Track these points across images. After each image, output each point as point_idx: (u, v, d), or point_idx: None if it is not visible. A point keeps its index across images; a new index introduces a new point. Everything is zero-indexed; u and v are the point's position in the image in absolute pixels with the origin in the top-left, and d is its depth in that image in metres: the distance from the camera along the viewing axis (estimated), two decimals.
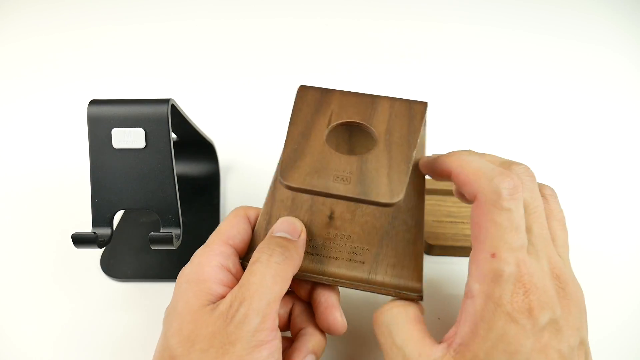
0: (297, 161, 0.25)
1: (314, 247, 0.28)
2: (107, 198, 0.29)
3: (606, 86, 0.53)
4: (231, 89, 0.52)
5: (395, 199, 0.23)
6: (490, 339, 0.21)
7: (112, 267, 0.35)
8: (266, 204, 0.29)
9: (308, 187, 0.24)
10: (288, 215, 0.29)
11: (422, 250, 0.27)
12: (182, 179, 0.41)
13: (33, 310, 0.33)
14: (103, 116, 0.28)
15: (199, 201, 0.39)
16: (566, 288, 0.22)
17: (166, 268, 0.35)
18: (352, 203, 0.28)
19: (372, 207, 0.28)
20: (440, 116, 0.49)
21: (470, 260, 0.23)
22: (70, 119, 0.48)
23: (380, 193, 0.24)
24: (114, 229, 0.36)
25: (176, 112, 0.31)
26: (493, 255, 0.22)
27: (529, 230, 0.23)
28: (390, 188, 0.24)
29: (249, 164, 0.44)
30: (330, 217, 0.28)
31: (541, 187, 0.26)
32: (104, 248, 0.35)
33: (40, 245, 0.37)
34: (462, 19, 0.62)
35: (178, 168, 0.41)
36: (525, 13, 0.63)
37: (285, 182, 0.24)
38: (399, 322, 0.24)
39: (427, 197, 0.38)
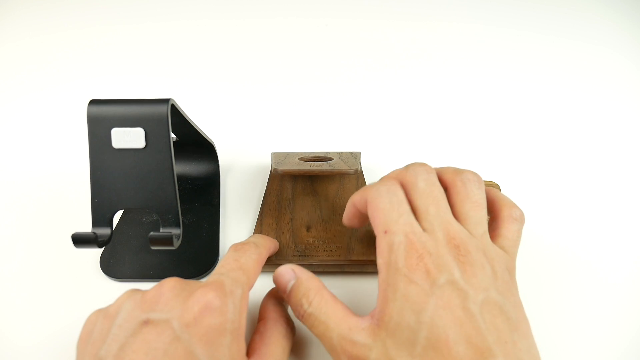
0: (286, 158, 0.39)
1: (299, 252, 0.35)
2: (106, 198, 0.29)
3: (606, 86, 0.53)
4: (231, 89, 0.52)
5: (354, 168, 0.36)
6: (398, 299, 0.24)
7: (112, 267, 0.35)
8: (256, 229, 0.37)
9: (296, 168, 0.37)
10: (275, 235, 0.36)
11: None
12: (182, 179, 0.41)
13: (32, 310, 0.33)
14: (103, 116, 0.28)
15: (199, 201, 0.39)
16: (467, 255, 0.25)
17: (166, 268, 0.35)
18: (323, 217, 0.38)
19: (338, 218, 0.37)
20: (440, 116, 0.49)
21: (376, 246, 0.26)
22: (70, 119, 0.48)
23: (343, 169, 0.36)
24: (114, 229, 0.36)
25: (176, 112, 0.31)
26: (385, 232, 0.25)
27: (425, 211, 0.26)
28: (349, 167, 0.37)
29: (249, 164, 0.44)
30: (308, 229, 0.37)
31: (460, 172, 0.28)
32: (103, 248, 0.36)
33: (40, 245, 0.37)
34: (462, 19, 0.62)
35: (178, 168, 0.41)
36: (525, 13, 0.63)
37: (281, 169, 0.37)
38: (322, 309, 0.26)
39: None
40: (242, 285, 0.26)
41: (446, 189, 0.28)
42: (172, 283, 0.25)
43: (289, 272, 0.28)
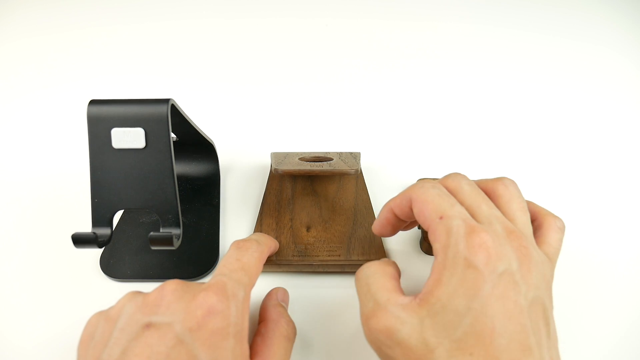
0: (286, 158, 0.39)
1: (299, 252, 0.35)
2: (106, 198, 0.29)
3: (606, 86, 0.53)
4: (231, 89, 0.52)
5: (354, 169, 0.36)
6: (452, 284, 0.23)
7: (112, 267, 0.35)
8: (256, 229, 0.37)
9: (297, 168, 0.36)
10: (275, 235, 0.36)
11: (381, 241, 0.36)
12: (182, 179, 0.41)
13: (32, 310, 0.33)
14: (103, 116, 0.28)
15: (199, 201, 0.39)
16: (526, 250, 0.24)
17: (166, 268, 0.35)
18: (323, 217, 0.38)
19: (337, 218, 0.38)
20: (440, 116, 0.49)
21: (429, 235, 0.26)
22: (70, 119, 0.48)
23: (344, 169, 0.36)
24: (114, 229, 0.36)
25: (176, 112, 0.31)
26: (440, 218, 0.25)
27: (478, 207, 0.26)
28: (349, 167, 0.37)
29: (249, 164, 0.44)
30: (308, 229, 0.37)
31: (500, 178, 0.28)
32: (103, 248, 0.36)
33: (40, 245, 0.37)
34: (462, 19, 0.62)
35: (178, 168, 0.41)
36: (525, 13, 0.63)
37: (281, 169, 0.36)
38: (376, 275, 0.26)
39: None
40: (244, 286, 0.26)
41: (488, 194, 0.28)
42: (173, 286, 0.25)
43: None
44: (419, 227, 0.38)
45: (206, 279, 0.35)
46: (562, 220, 0.28)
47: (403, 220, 0.30)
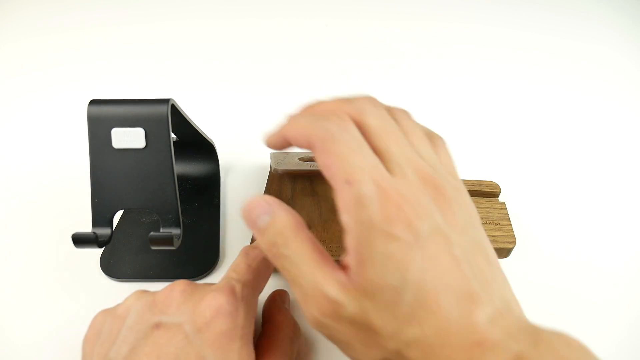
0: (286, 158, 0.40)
1: None
2: (107, 198, 0.29)
3: (606, 86, 0.53)
4: (231, 89, 0.52)
5: None
6: (377, 261, 0.20)
7: (112, 267, 0.35)
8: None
9: (296, 168, 0.38)
10: None
11: None
12: (182, 179, 0.41)
13: (32, 310, 0.33)
14: (103, 116, 0.28)
15: (199, 201, 0.39)
16: (444, 192, 0.22)
17: (166, 268, 0.35)
18: (322, 217, 0.37)
19: (337, 218, 0.34)
20: (440, 116, 0.49)
21: (336, 198, 0.22)
22: (70, 119, 0.48)
23: None
24: (114, 229, 0.36)
25: (176, 112, 0.31)
26: (348, 182, 0.21)
27: (386, 151, 0.22)
28: None
29: (249, 164, 0.44)
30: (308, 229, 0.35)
31: (392, 109, 0.26)
32: (103, 248, 0.36)
33: (40, 245, 0.37)
34: (462, 19, 0.62)
35: (178, 168, 0.41)
36: (525, 13, 0.63)
37: (281, 169, 0.38)
38: (299, 249, 0.23)
39: None
40: (253, 290, 0.26)
41: None
42: (182, 286, 0.25)
43: (263, 205, 0.23)
44: None
45: (207, 279, 0.35)
46: (441, 137, 0.27)
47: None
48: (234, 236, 0.38)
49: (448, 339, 0.20)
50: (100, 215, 0.29)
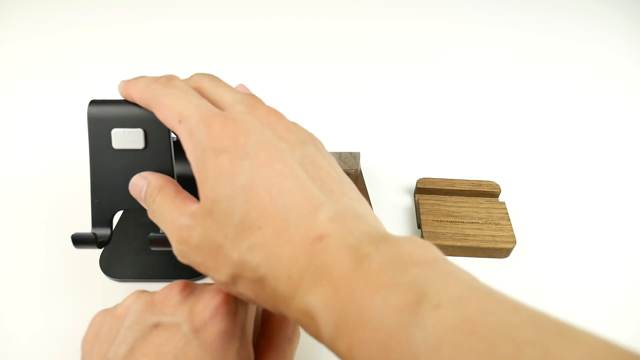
0: None
1: None
2: (106, 198, 0.29)
3: (606, 86, 0.53)
4: None
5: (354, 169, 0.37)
6: (210, 177, 0.22)
7: (112, 268, 0.35)
8: None
9: None
10: None
11: None
12: (182, 179, 0.41)
13: (32, 311, 0.33)
14: (103, 116, 0.28)
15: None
16: (276, 116, 0.24)
17: (166, 268, 0.35)
18: None
19: None
20: (440, 116, 0.49)
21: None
22: (70, 119, 0.48)
23: (343, 169, 0.35)
24: (114, 229, 0.36)
25: None
26: (180, 122, 0.23)
27: (220, 99, 0.25)
28: (349, 167, 0.37)
29: None
30: None
31: (201, 76, 0.28)
32: (103, 248, 0.36)
33: (40, 246, 0.37)
34: (462, 19, 0.62)
35: (178, 168, 0.41)
36: (525, 13, 0.63)
37: None
38: (163, 202, 0.25)
39: (427, 197, 0.39)
40: None
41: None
42: (181, 286, 0.25)
43: (141, 179, 0.27)
44: (419, 227, 0.38)
45: (206, 279, 0.35)
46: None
47: None
48: None
49: (288, 237, 0.20)
50: (99, 216, 0.29)
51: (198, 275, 0.35)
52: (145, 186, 0.26)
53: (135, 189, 0.27)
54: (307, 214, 0.20)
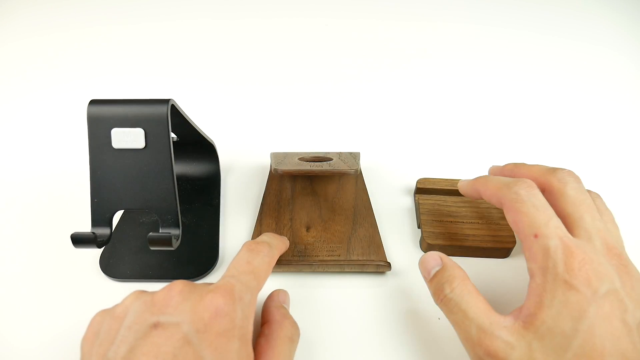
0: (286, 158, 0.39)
1: (299, 252, 0.35)
2: (106, 198, 0.29)
3: (606, 86, 0.53)
4: (231, 89, 0.52)
5: (354, 169, 0.36)
6: (555, 306, 0.23)
7: (112, 267, 0.35)
8: (255, 229, 0.37)
9: (296, 168, 0.37)
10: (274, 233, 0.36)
11: (381, 241, 0.36)
12: (183, 179, 0.41)
13: (32, 310, 0.33)
14: (103, 116, 0.28)
15: (199, 201, 0.39)
16: (628, 266, 0.25)
17: (166, 268, 0.35)
18: (322, 217, 0.38)
19: (337, 218, 0.38)
20: (440, 116, 0.49)
21: (523, 251, 0.26)
22: (70, 119, 0.48)
23: (343, 169, 0.36)
24: (114, 229, 0.36)
25: (176, 113, 0.31)
26: (535, 236, 0.25)
27: (580, 218, 0.26)
28: (349, 167, 0.37)
29: (249, 164, 0.44)
30: (307, 229, 0.37)
31: (589, 190, 0.29)
32: (103, 248, 0.36)
33: (40, 245, 0.37)
34: (462, 19, 0.62)
35: (178, 168, 0.41)
36: (525, 13, 0.63)
37: (281, 169, 0.37)
38: (467, 296, 0.26)
39: (427, 197, 0.39)
40: (251, 290, 0.26)
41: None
42: (181, 286, 0.25)
43: (436, 258, 0.28)
44: (419, 227, 0.38)
45: (206, 279, 0.35)
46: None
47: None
48: (234, 236, 0.38)
49: None
50: (99, 215, 0.29)
51: (198, 275, 0.35)
52: (438, 267, 0.28)
53: (427, 265, 0.29)
54: None
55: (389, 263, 0.35)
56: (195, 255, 0.36)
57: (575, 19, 0.62)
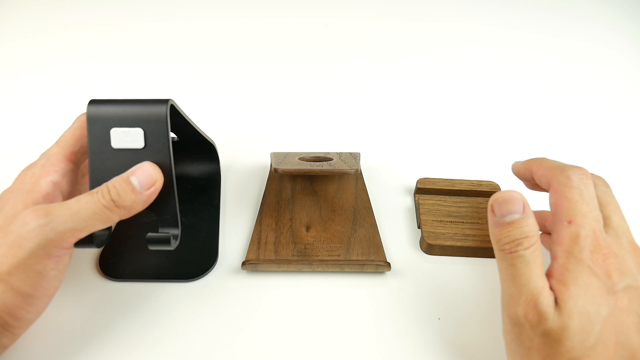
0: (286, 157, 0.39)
1: (298, 251, 0.35)
2: None
3: (606, 86, 0.53)
4: (231, 89, 0.52)
5: (354, 169, 0.36)
6: (579, 285, 0.24)
7: (111, 267, 0.35)
8: (255, 229, 0.37)
9: (297, 168, 0.36)
10: (275, 235, 0.36)
11: (380, 242, 0.36)
12: (183, 178, 0.41)
13: None
14: (102, 116, 0.28)
15: (199, 201, 0.39)
16: None
17: (165, 268, 0.35)
18: (322, 217, 0.38)
19: (337, 218, 0.38)
20: (440, 116, 0.49)
21: (552, 233, 0.26)
22: (70, 119, 0.48)
23: (344, 169, 0.36)
24: (113, 228, 0.36)
25: (176, 113, 0.31)
26: (569, 222, 0.25)
27: (607, 218, 0.26)
28: (349, 167, 0.36)
29: (249, 164, 0.44)
30: (307, 229, 0.37)
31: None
32: (102, 248, 0.36)
33: None
34: (462, 19, 0.62)
35: (178, 168, 0.41)
36: (525, 13, 0.63)
37: (281, 169, 0.36)
38: (537, 260, 0.25)
39: (427, 197, 0.39)
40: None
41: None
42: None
43: (519, 203, 0.26)
44: (419, 227, 0.38)
45: (206, 279, 0.35)
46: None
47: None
48: (234, 236, 0.38)
49: None
50: None
51: (197, 275, 0.35)
52: (518, 216, 0.26)
53: (505, 207, 0.26)
54: None
55: (389, 263, 0.35)
56: (194, 255, 0.36)
57: (576, 19, 0.62)
